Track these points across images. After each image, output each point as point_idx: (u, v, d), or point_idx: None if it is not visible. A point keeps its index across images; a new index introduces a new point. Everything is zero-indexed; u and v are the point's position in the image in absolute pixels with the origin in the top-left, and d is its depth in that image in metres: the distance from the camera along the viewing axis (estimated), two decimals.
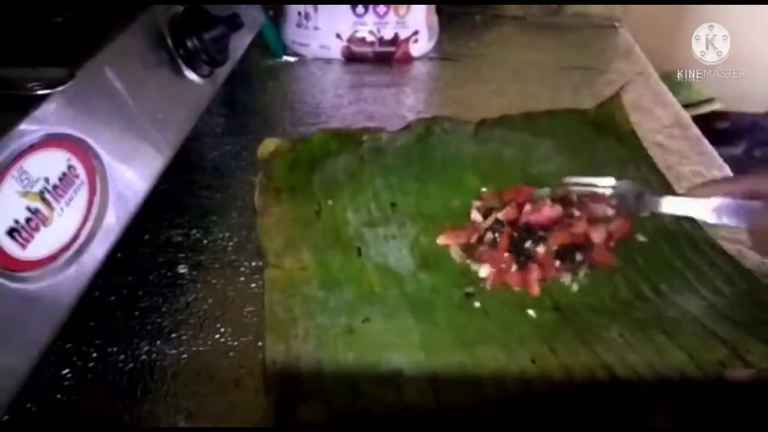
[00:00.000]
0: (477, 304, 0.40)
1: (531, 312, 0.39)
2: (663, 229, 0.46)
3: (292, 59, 0.77)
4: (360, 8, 0.73)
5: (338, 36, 0.74)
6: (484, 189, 0.49)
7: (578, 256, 0.41)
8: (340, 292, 0.41)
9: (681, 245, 0.45)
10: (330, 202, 0.48)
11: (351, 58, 0.76)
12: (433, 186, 0.50)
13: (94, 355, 0.37)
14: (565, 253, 0.41)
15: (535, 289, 0.40)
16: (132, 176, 0.36)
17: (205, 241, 0.46)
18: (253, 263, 0.44)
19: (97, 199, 0.33)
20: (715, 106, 1.55)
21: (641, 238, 0.45)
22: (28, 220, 0.28)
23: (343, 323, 0.38)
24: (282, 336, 0.37)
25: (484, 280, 0.42)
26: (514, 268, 0.41)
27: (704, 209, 0.39)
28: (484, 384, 0.34)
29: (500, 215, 0.44)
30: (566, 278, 0.41)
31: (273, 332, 0.37)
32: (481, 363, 0.35)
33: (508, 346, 0.37)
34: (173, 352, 0.37)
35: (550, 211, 0.43)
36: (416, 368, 0.35)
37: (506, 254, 0.42)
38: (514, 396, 0.33)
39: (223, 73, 0.49)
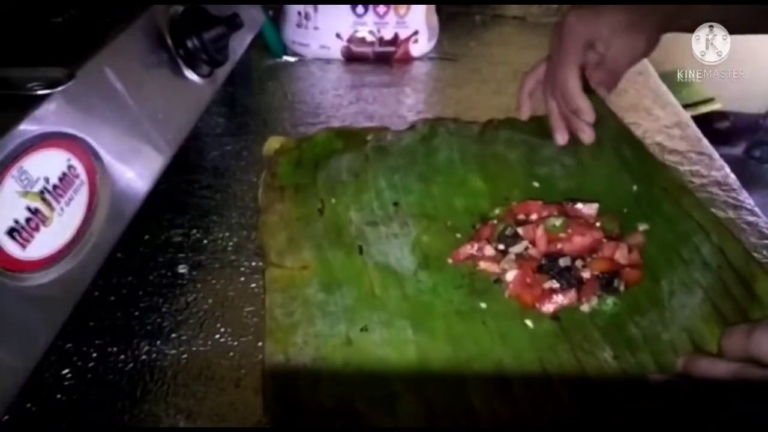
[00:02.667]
0: (483, 305, 0.40)
1: (528, 322, 0.39)
2: (660, 234, 0.46)
3: (292, 59, 0.77)
4: (360, 8, 0.73)
5: (338, 36, 0.74)
6: (496, 210, 0.48)
7: (616, 282, 0.40)
8: (340, 295, 0.40)
9: (680, 244, 0.45)
10: (333, 200, 0.48)
11: (351, 58, 0.76)
12: (437, 186, 0.50)
13: (94, 355, 0.37)
14: (608, 281, 0.40)
15: (550, 311, 0.40)
16: (132, 176, 0.36)
17: (205, 241, 0.46)
18: (253, 263, 0.44)
19: (97, 199, 0.33)
20: (715, 106, 1.55)
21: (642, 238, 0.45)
22: (28, 220, 0.28)
23: (342, 332, 0.38)
24: (281, 344, 0.37)
25: (500, 283, 0.41)
26: (547, 285, 0.40)
27: None
28: (476, 409, 0.34)
29: (520, 231, 0.44)
30: (585, 305, 0.40)
31: (272, 339, 0.37)
32: (475, 386, 0.35)
33: (502, 364, 0.36)
34: (173, 352, 0.37)
35: (582, 239, 0.43)
36: (411, 390, 0.35)
37: (534, 274, 0.41)
38: (504, 421, 0.33)
39: (223, 73, 0.49)
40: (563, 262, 0.41)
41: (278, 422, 0.33)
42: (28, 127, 0.28)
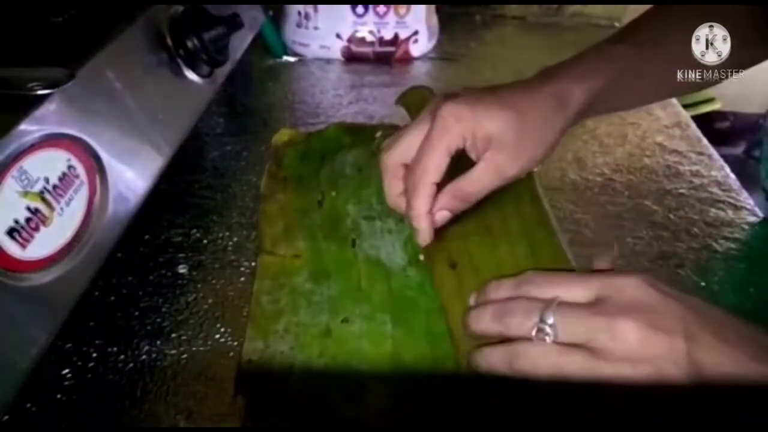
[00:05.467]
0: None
1: None
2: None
3: (292, 59, 0.77)
4: (360, 8, 0.73)
5: (338, 36, 0.74)
6: None
7: None
8: (327, 286, 0.41)
9: None
10: (333, 193, 0.49)
11: (351, 58, 0.76)
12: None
13: (94, 355, 0.37)
14: None
15: None
16: (132, 176, 0.36)
17: (205, 241, 0.46)
18: (253, 263, 0.44)
19: (97, 199, 0.33)
20: (715, 106, 1.55)
21: None
22: (28, 220, 0.28)
23: (323, 322, 0.38)
24: (262, 331, 0.37)
25: None
26: None
27: None
28: (443, 408, 0.34)
29: None
30: None
31: (255, 325, 0.38)
32: (444, 385, 0.35)
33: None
34: (173, 352, 0.37)
35: None
36: (382, 384, 0.35)
37: None
38: (470, 421, 0.33)
39: (223, 73, 0.49)
40: None
41: (249, 407, 0.33)
42: (28, 127, 0.28)
